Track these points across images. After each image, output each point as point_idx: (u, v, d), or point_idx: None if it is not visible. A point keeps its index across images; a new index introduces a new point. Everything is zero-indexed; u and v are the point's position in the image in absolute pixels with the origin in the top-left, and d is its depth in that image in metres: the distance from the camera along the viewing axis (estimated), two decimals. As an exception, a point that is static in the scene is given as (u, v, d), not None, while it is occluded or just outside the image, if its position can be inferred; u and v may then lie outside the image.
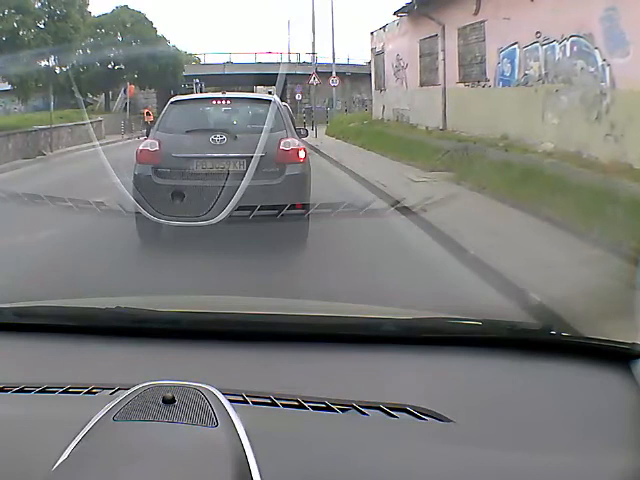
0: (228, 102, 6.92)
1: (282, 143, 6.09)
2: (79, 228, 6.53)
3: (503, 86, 14.09)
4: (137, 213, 5.78)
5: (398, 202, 7.46)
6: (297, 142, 6.31)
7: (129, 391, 1.10)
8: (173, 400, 1.05)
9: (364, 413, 1.17)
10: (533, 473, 1.03)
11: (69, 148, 19.98)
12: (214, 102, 7.01)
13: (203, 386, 1.11)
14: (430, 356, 1.42)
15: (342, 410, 1.18)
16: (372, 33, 24.88)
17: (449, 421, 1.15)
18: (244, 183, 5.22)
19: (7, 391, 1.25)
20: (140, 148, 6.29)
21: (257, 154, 5.55)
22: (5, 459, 1.00)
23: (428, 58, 18.65)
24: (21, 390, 1.25)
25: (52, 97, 21.57)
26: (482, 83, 14.98)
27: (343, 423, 1.17)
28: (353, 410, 1.18)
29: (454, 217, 6.89)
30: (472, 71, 15.58)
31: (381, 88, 23.85)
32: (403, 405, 1.19)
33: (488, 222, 7.05)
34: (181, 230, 5.95)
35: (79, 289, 4.53)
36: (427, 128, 17.37)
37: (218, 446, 0.95)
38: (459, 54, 16.19)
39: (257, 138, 5.70)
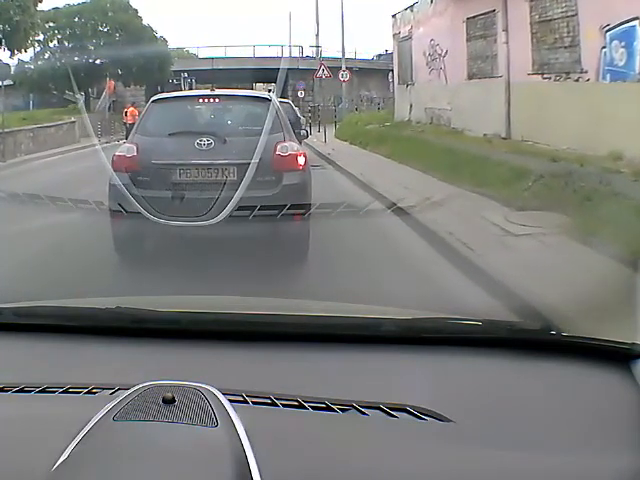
0: (217, 100, 6.13)
1: (279, 147, 5.36)
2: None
3: (612, 81, 9.86)
4: (113, 225, 5.42)
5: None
6: (296, 146, 5.63)
7: (129, 391, 1.11)
8: (173, 400, 1.05)
9: (364, 413, 1.17)
10: (533, 473, 1.03)
11: (29, 156, 16.73)
12: (201, 100, 6.22)
13: (203, 386, 1.11)
14: (430, 356, 1.42)
15: (342, 410, 1.18)
16: (394, 16, 20.84)
17: (449, 421, 1.15)
18: (237, 195, 4.71)
19: (7, 391, 1.25)
20: (117, 154, 5.55)
21: (250, 160, 4.97)
22: (5, 459, 1.00)
23: (480, 42, 14.30)
24: (21, 390, 1.26)
25: (30, 95, 19.65)
26: (574, 75, 10.72)
27: (343, 423, 1.17)
28: (353, 410, 1.18)
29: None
30: (556, 58, 11.33)
31: (407, 82, 19.67)
32: (403, 405, 1.19)
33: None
34: (164, 246, 5.42)
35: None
36: (485, 135, 13.05)
37: (218, 446, 0.96)
38: (532, 35, 11.79)
39: (250, 142, 5.19)
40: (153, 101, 6.02)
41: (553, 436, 1.12)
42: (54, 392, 1.24)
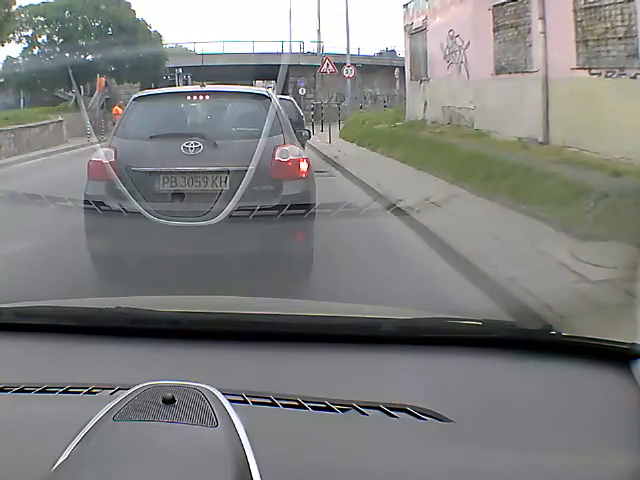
0: (207, 97, 5.43)
1: (278, 152, 4.73)
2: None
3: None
4: (89, 243, 4.84)
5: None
6: (297, 150, 4.96)
7: (129, 391, 1.11)
8: (173, 400, 1.06)
9: (364, 413, 1.17)
10: (533, 473, 1.03)
11: (9, 159, 15.47)
12: (189, 98, 5.52)
13: (203, 386, 1.12)
14: (430, 356, 1.42)
15: (342, 410, 1.18)
16: (406, 5, 19.00)
17: (449, 421, 1.15)
18: (229, 207, 4.29)
19: (7, 391, 1.26)
20: (92, 159, 4.92)
21: (245, 167, 4.47)
22: (5, 459, 1.00)
23: (511, 32, 12.51)
24: (21, 390, 1.26)
25: (20, 92, 18.89)
26: (630, 71, 9.15)
27: (343, 423, 1.17)
28: (353, 410, 1.18)
29: None
30: (607, 51, 9.68)
31: (421, 78, 17.72)
32: (403, 405, 1.19)
33: None
34: (151, 268, 4.80)
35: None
36: (520, 139, 11.27)
37: (218, 446, 0.96)
38: (577, 23, 10.14)
39: (244, 145, 4.72)
40: (135, 99, 5.37)
41: (553, 436, 1.13)
42: (54, 392, 1.24)
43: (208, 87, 5.73)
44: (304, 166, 4.87)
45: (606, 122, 9.09)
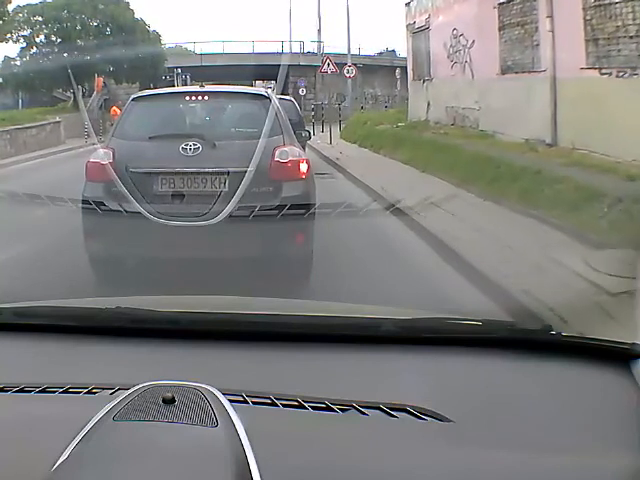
0: (206, 98, 5.37)
1: (277, 153, 4.69)
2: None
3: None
4: (87, 246, 4.82)
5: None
6: (297, 151, 4.90)
7: (129, 391, 1.11)
8: (173, 400, 1.06)
9: (364, 413, 1.17)
10: (533, 473, 1.03)
11: (5, 160, 15.31)
12: (188, 98, 5.46)
13: (203, 386, 1.12)
14: (430, 356, 1.42)
15: (342, 410, 1.18)
16: (408, 4, 18.73)
17: (449, 421, 1.15)
18: (228, 208, 4.27)
19: (7, 391, 1.26)
20: (90, 160, 4.89)
21: (244, 168, 4.42)
22: (5, 459, 1.00)
23: (517, 30, 12.19)
24: (21, 390, 1.26)
25: (18, 93, 18.61)
26: None
27: (343, 423, 1.17)
28: (353, 410, 1.18)
29: None
30: (618, 51, 9.37)
31: (424, 78, 17.44)
32: (403, 405, 1.19)
33: None
34: (151, 269, 4.69)
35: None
36: (527, 141, 10.90)
37: (218, 446, 0.96)
38: (586, 22, 9.83)
39: (244, 146, 4.67)
40: (133, 99, 5.33)
41: (553, 436, 1.13)
42: (54, 392, 1.25)
43: (207, 87, 5.71)
44: (304, 167, 4.82)
45: (617, 123, 8.81)
